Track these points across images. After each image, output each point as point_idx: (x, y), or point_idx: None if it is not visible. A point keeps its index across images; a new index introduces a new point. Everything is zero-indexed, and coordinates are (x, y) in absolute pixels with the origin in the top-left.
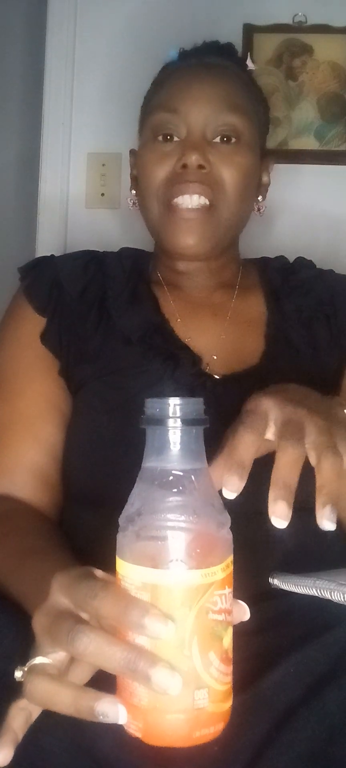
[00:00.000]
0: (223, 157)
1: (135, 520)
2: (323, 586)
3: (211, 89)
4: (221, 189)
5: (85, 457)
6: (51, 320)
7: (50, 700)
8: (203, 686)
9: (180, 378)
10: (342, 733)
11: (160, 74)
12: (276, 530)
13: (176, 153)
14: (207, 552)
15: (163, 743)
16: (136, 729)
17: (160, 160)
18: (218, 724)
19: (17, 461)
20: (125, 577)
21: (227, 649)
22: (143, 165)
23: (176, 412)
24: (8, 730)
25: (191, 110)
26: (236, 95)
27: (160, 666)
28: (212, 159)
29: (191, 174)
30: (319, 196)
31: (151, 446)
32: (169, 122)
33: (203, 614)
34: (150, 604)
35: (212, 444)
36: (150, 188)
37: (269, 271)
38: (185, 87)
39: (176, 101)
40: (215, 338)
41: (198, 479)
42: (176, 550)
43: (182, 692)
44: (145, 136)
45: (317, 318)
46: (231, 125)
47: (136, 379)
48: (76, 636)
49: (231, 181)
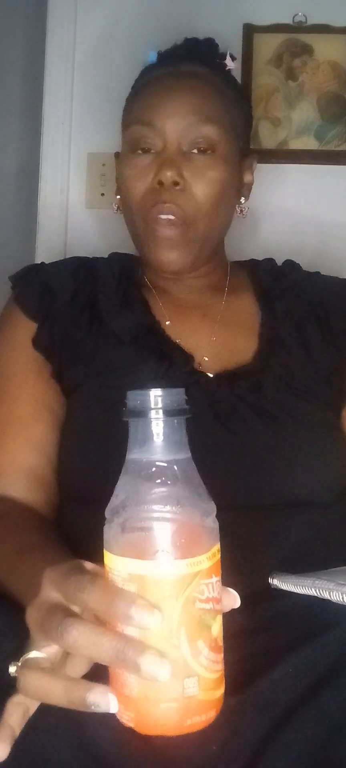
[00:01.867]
0: (197, 172)
1: (120, 512)
2: (322, 586)
3: (185, 101)
4: (196, 204)
5: (81, 456)
6: (42, 325)
7: (43, 693)
8: (193, 675)
9: (174, 376)
10: (342, 733)
11: (139, 79)
12: (277, 526)
13: (153, 167)
14: (192, 541)
15: (155, 732)
16: (129, 719)
17: (138, 175)
18: (210, 711)
19: (11, 462)
20: (113, 569)
21: (216, 637)
22: (123, 179)
23: (158, 402)
24: (5, 725)
25: (166, 123)
26: (210, 106)
27: (148, 654)
28: (187, 174)
29: (166, 193)
30: (319, 196)
31: (134, 438)
32: (145, 136)
33: (190, 603)
34: (136, 595)
35: (205, 440)
36: (130, 202)
37: (259, 273)
38: (159, 100)
39: (150, 114)
40: (206, 339)
41: (181, 469)
42: (160, 541)
43: (172, 681)
44: (124, 147)
45: (308, 319)
46: (206, 137)
47: (130, 378)
48: (65, 629)
49: (206, 195)
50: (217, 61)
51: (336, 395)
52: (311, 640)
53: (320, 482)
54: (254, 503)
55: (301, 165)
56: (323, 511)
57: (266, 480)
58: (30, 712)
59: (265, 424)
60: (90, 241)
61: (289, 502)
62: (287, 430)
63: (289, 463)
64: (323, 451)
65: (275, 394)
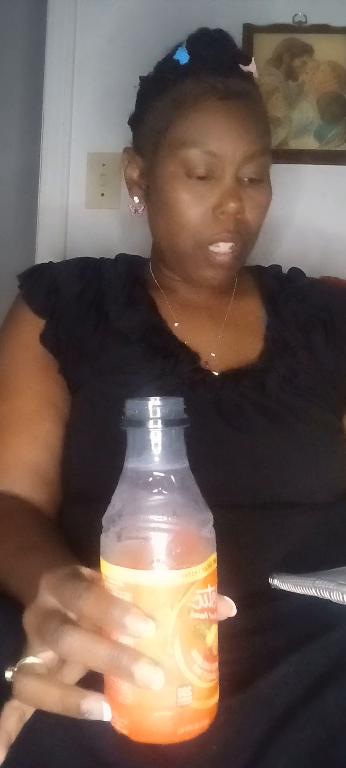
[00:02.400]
0: (252, 201)
1: (116, 521)
2: (322, 586)
3: (246, 131)
4: (250, 231)
5: (85, 454)
6: (50, 321)
7: (38, 699)
8: (187, 684)
9: (181, 374)
10: (342, 733)
11: (176, 83)
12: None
13: (212, 195)
14: (188, 552)
15: (148, 740)
16: (122, 726)
17: (194, 201)
18: (203, 720)
19: (15, 458)
20: (108, 577)
21: (210, 646)
22: (174, 201)
23: (156, 412)
24: (0, 730)
25: (227, 152)
26: (264, 135)
27: (142, 662)
28: (244, 203)
29: (227, 223)
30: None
31: (132, 447)
32: (204, 163)
33: (185, 613)
34: (131, 604)
35: (209, 437)
36: (181, 226)
37: (265, 278)
38: (220, 126)
39: (211, 141)
40: (213, 338)
41: (179, 479)
42: (156, 551)
43: (166, 690)
44: (172, 166)
45: (313, 323)
46: (262, 169)
47: (137, 376)
48: (60, 636)
49: (258, 222)
50: (251, 74)
51: (340, 398)
52: (311, 641)
53: (322, 482)
54: (256, 502)
55: (301, 165)
56: (324, 512)
57: (267, 478)
58: (26, 716)
59: (268, 422)
60: (90, 241)
61: (290, 502)
62: (291, 428)
63: (291, 462)
64: (325, 452)
65: (279, 393)
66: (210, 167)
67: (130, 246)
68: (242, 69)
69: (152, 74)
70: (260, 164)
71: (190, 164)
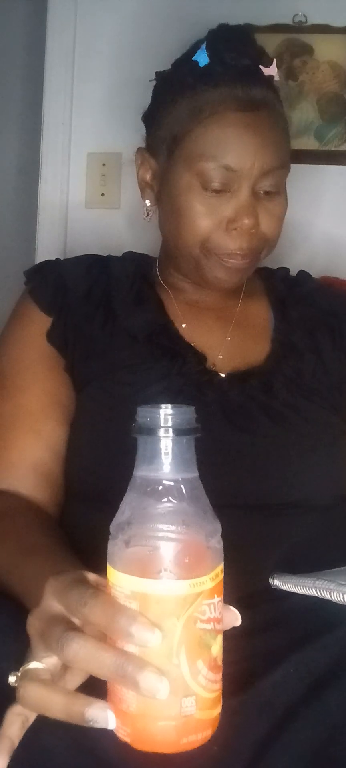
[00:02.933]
0: (268, 213)
1: (125, 528)
2: (322, 587)
3: (265, 147)
4: (264, 241)
5: (90, 451)
6: (57, 319)
7: (42, 706)
8: (191, 694)
9: (188, 374)
10: (342, 733)
11: (194, 94)
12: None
13: (227, 209)
14: (196, 562)
15: (151, 749)
16: (125, 734)
17: (208, 213)
18: (206, 730)
19: (19, 457)
20: (115, 585)
21: (215, 657)
22: (188, 211)
23: (168, 421)
24: (3, 737)
25: (244, 167)
26: (285, 147)
27: (148, 671)
28: (259, 216)
29: (241, 239)
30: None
31: (143, 455)
32: (220, 177)
33: (191, 624)
34: (138, 613)
35: (215, 438)
36: (194, 236)
37: (274, 281)
38: (238, 141)
39: (228, 156)
40: (220, 340)
41: (188, 488)
42: (164, 560)
43: (170, 700)
44: (187, 176)
45: (320, 327)
46: (278, 183)
47: (143, 375)
48: (65, 642)
49: (274, 233)
50: (273, 78)
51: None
52: (312, 641)
53: (325, 484)
54: (261, 502)
55: (301, 165)
56: (325, 513)
57: (273, 479)
58: (29, 721)
59: (275, 424)
60: (90, 241)
61: (292, 502)
62: (296, 430)
63: (296, 463)
64: (329, 454)
65: (285, 395)
66: (227, 181)
67: (130, 246)
68: (262, 73)
69: (170, 72)
70: (278, 177)
71: (206, 177)
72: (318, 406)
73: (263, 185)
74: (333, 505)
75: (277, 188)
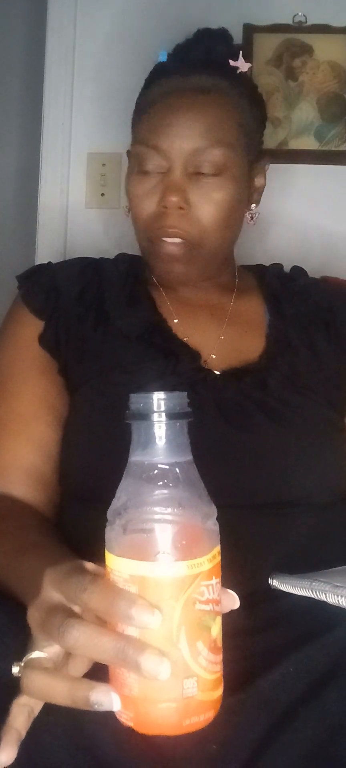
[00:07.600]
0: (203, 195)
1: (122, 513)
2: (318, 588)
3: (192, 124)
4: (201, 227)
5: (84, 452)
6: (49, 322)
7: (47, 693)
8: (192, 675)
9: (181, 373)
10: (342, 733)
11: (149, 81)
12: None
13: (158, 190)
14: (193, 543)
15: (154, 732)
16: (128, 718)
17: (144, 196)
18: (208, 712)
19: (12, 461)
20: (114, 570)
21: (215, 638)
22: (130, 196)
23: (160, 406)
24: (10, 728)
25: (172, 147)
26: (219, 128)
27: (148, 652)
28: (192, 197)
29: (170, 218)
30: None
31: (137, 441)
32: (150, 158)
33: (190, 605)
34: (137, 596)
35: (210, 436)
36: (136, 220)
37: (268, 277)
38: (165, 122)
39: (156, 138)
40: (214, 337)
41: (183, 472)
42: (161, 543)
43: (171, 681)
44: (131, 162)
45: (315, 323)
46: (213, 162)
47: (137, 375)
48: (66, 629)
49: (212, 218)
50: (230, 66)
51: (342, 397)
52: (311, 640)
53: (322, 482)
54: (257, 501)
55: (301, 165)
56: (324, 512)
57: (269, 477)
58: (35, 712)
59: (270, 421)
60: (90, 241)
61: (290, 501)
62: (292, 427)
63: (292, 461)
64: (326, 451)
65: (280, 391)
66: (157, 163)
67: (130, 246)
68: (217, 64)
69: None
70: (216, 157)
71: (139, 159)
72: (314, 402)
73: (197, 165)
74: (332, 504)
75: (215, 170)
